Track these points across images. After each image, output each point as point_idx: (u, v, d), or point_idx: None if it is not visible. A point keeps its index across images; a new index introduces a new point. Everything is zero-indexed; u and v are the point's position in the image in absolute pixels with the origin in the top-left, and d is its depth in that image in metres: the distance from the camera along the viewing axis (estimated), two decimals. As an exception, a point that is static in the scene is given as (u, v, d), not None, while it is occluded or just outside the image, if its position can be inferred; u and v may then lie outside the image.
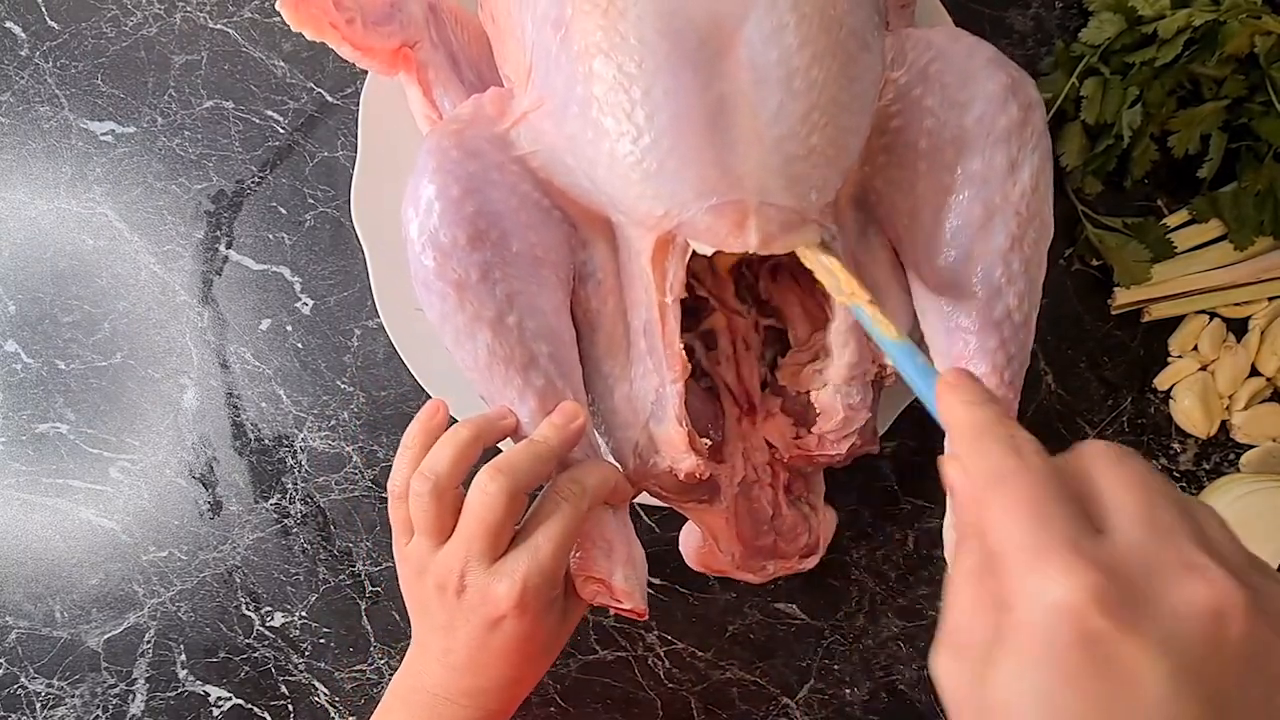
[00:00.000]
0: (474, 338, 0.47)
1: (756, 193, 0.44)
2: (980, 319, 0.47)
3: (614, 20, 0.43)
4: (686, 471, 0.49)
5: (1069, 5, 0.66)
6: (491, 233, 0.46)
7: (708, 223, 0.44)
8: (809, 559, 0.56)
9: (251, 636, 0.65)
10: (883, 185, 0.50)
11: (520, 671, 0.48)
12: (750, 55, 0.43)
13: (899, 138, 0.48)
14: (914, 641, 0.65)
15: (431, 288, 0.47)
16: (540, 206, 0.48)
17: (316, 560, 0.65)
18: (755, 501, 0.54)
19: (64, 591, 0.65)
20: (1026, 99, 0.47)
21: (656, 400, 0.50)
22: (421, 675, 0.48)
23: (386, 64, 0.53)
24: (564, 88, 0.46)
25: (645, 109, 0.43)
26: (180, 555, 0.65)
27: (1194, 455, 0.66)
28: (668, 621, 0.65)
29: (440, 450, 0.45)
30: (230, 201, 0.66)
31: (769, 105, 0.43)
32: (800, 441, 0.53)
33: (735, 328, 0.56)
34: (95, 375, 0.66)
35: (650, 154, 0.44)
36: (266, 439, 0.65)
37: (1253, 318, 0.65)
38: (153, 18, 0.66)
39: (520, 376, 0.47)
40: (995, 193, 0.46)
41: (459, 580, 0.44)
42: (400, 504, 0.47)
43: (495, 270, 0.46)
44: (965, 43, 0.48)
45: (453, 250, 0.46)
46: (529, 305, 0.47)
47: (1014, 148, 0.46)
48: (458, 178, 0.46)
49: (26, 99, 0.66)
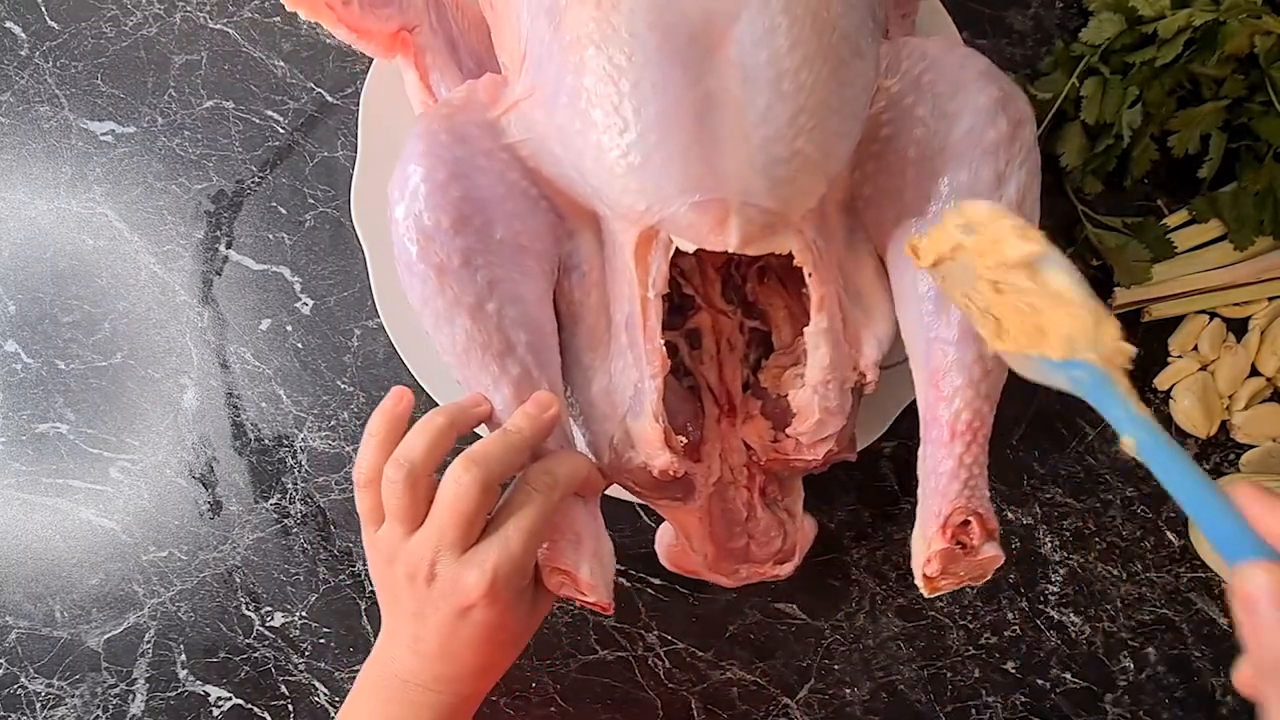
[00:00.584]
0: (452, 322, 0.47)
1: (739, 192, 0.44)
2: (960, 330, 0.47)
3: (607, 12, 0.43)
4: (660, 468, 0.49)
5: (1069, 5, 0.66)
6: (476, 218, 0.46)
7: (689, 219, 0.45)
8: (784, 565, 0.55)
9: (251, 636, 0.65)
10: (871, 192, 0.50)
11: (490, 659, 0.48)
12: (740, 54, 0.43)
13: (889, 145, 0.48)
14: (914, 641, 0.65)
15: (413, 270, 0.47)
16: (528, 195, 0.48)
17: (316, 560, 0.65)
18: (730, 503, 0.54)
19: (64, 591, 0.65)
20: (1017, 114, 0.46)
21: (635, 395, 0.50)
22: (391, 662, 0.48)
23: (384, 47, 0.53)
24: (555, 77, 0.46)
25: (633, 102, 0.43)
26: (180, 555, 0.65)
27: (1194, 455, 0.65)
28: (668, 621, 0.65)
29: (415, 437, 0.45)
30: (230, 201, 0.66)
31: (756, 105, 0.43)
32: (777, 445, 0.53)
33: (720, 328, 0.56)
34: (95, 375, 0.66)
35: (635, 147, 0.44)
36: (266, 439, 0.65)
37: (1253, 318, 0.65)
38: (153, 18, 0.66)
39: (496, 363, 0.47)
40: None
41: (429, 568, 0.45)
42: (367, 492, 0.47)
43: (477, 256, 0.46)
44: (959, 54, 0.48)
45: (436, 234, 0.46)
46: (510, 293, 0.47)
47: (1001, 161, 0.46)
48: (445, 162, 0.46)
49: (26, 99, 0.66)
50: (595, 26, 0.44)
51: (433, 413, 0.46)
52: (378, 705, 0.48)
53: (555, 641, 0.65)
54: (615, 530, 0.59)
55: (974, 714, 0.65)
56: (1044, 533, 0.65)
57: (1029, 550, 0.65)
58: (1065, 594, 0.65)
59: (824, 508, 0.65)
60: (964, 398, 0.47)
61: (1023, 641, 0.65)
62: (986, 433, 0.48)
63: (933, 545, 0.47)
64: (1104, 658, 0.65)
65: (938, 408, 0.48)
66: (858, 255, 0.52)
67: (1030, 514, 0.65)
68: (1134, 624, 0.65)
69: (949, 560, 0.47)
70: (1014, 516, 0.65)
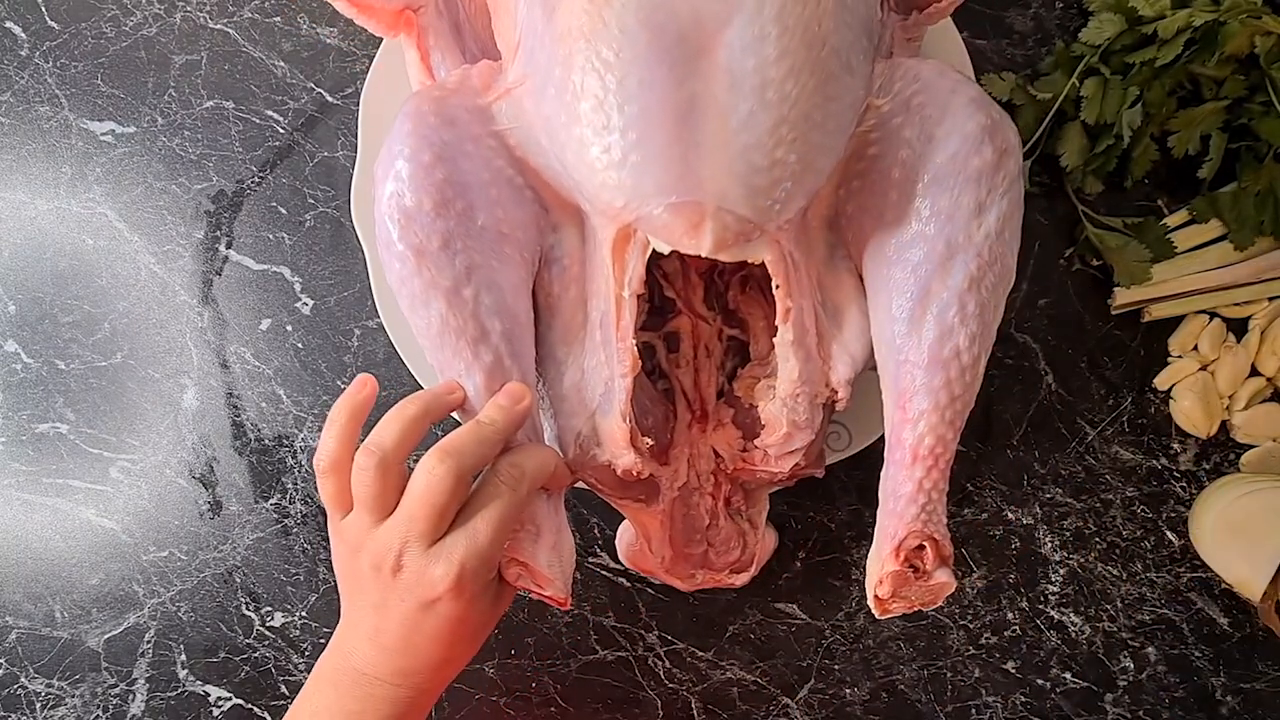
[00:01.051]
0: (428, 305, 0.47)
1: (716, 197, 0.44)
2: (929, 355, 0.47)
3: (599, 6, 0.43)
4: (624, 468, 0.50)
5: (1069, 5, 0.66)
6: (458, 202, 0.46)
7: (664, 220, 0.44)
8: (740, 575, 0.55)
9: (251, 636, 0.65)
10: (854, 210, 0.49)
11: (451, 653, 0.48)
12: (728, 59, 0.43)
13: (875, 164, 0.48)
14: (914, 641, 0.65)
15: (392, 250, 0.47)
16: (513, 184, 0.48)
17: (316, 560, 0.65)
18: (693, 509, 0.54)
19: (64, 591, 0.65)
20: (1004, 143, 0.46)
21: (605, 393, 0.50)
22: (350, 655, 0.47)
23: (387, 25, 0.53)
24: (545, 67, 0.46)
25: (617, 98, 0.43)
26: (180, 555, 0.65)
27: (1194, 455, 0.66)
28: (668, 621, 0.65)
29: (387, 425, 0.45)
30: (230, 201, 0.66)
31: (739, 112, 0.43)
32: (745, 455, 0.53)
33: (699, 333, 0.56)
34: (95, 375, 0.66)
35: (616, 144, 0.44)
36: (266, 439, 0.65)
37: (1253, 318, 0.65)
38: (153, 18, 0.66)
39: (470, 349, 0.47)
40: (959, 232, 0.46)
41: (396, 560, 0.44)
42: (330, 478, 0.46)
43: (457, 240, 0.46)
44: (950, 79, 0.47)
45: (417, 214, 0.46)
46: (488, 280, 0.47)
47: (983, 190, 0.46)
48: (431, 143, 0.46)
49: (26, 99, 0.66)
50: (587, 20, 0.44)
51: (406, 401, 0.46)
52: (334, 698, 0.48)
53: (555, 641, 0.65)
54: (612, 530, 0.59)
55: (974, 714, 0.65)
56: (1044, 533, 0.65)
57: (1029, 550, 0.65)
58: (1065, 594, 0.65)
59: (824, 508, 0.65)
60: (928, 422, 0.47)
61: (1023, 641, 0.65)
62: (949, 458, 0.47)
63: (885, 567, 0.47)
64: (1104, 658, 0.65)
65: (902, 430, 0.48)
66: (837, 272, 0.51)
67: (1030, 514, 0.65)
68: (1134, 624, 0.65)
69: (900, 582, 0.47)
70: (1014, 516, 0.65)
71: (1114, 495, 0.65)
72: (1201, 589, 0.65)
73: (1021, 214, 0.48)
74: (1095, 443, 0.65)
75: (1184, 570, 0.65)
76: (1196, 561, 0.65)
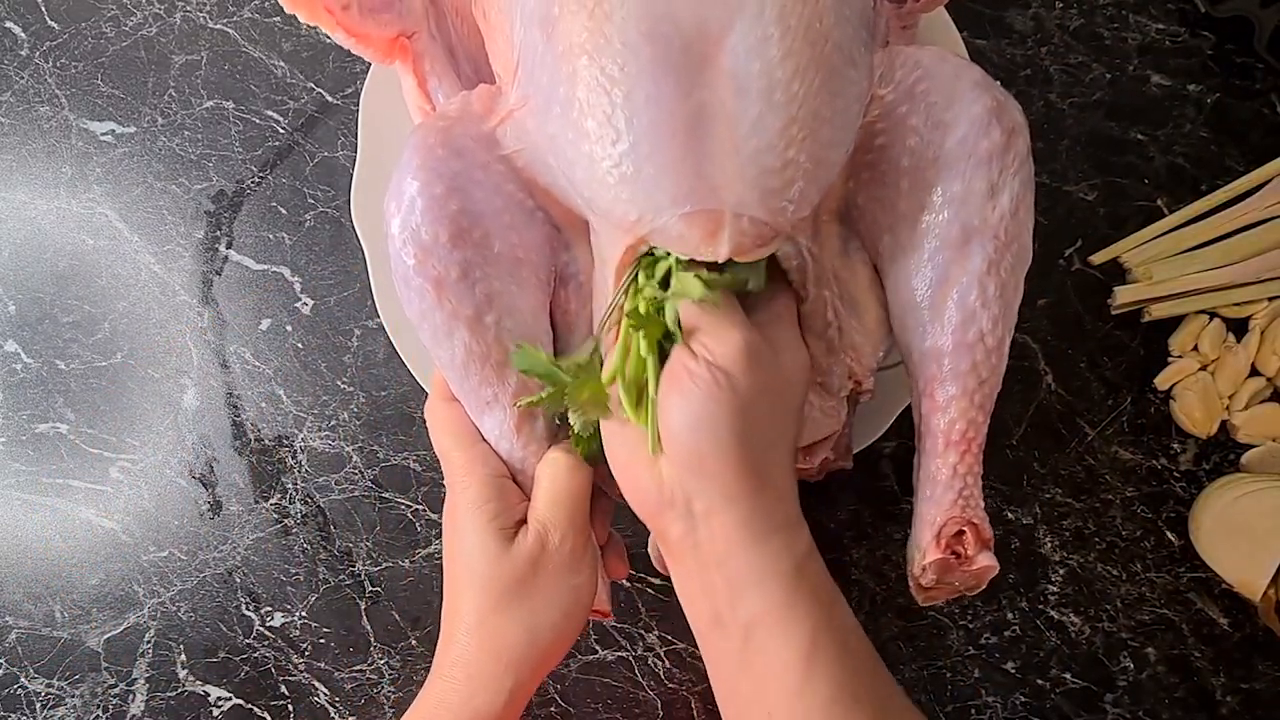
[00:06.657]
0: (451, 336, 0.47)
1: (731, 203, 0.44)
2: (954, 340, 0.47)
3: (600, 22, 0.43)
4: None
5: (1069, 5, 0.66)
6: (474, 231, 0.46)
7: (680, 230, 0.44)
8: None
9: (251, 636, 0.65)
10: (865, 201, 0.49)
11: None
12: (733, 65, 0.43)
13: (883, 155, 0.48)
14: (914, 641, 0.65)
15: (411, 284, 0.47)
16: (524, 207, 0.48)
17: (316, 560, 0.65)
18: None
19: (64, 591, 0.65)
20: (1010, 123, 0.46)
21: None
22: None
23: (382, 52, 0.53)
24: (548, 87, 0.45)
25: (625, 112, 0.43)
26: (180, 555, 0.65)
27: (1194, 455, 0.66)
28: (668, 621, 0.65)
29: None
30: (230, 201, 0.66)
31: (748, 116, 0.43)
32: None
33: None
34: (95, 375, 0.66)
35: (628, 158, 0.44)
36: (266, 439, 0.65)
37: (1253, 318, 0.65)
38: (153, 18, 0.66)
39: (496, 375, 0.47)
40: (974, 215, 0.46)
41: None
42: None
43: (475, 269, 0.46)
44: (953, 64, 0.47)
45: (434, 247, 0.46)
46: (508, 306, 0.47)
47: (995, 171, 0.46)
48: (441, 175, 0.46)
49: (26, 99, 0.66)
50: (588, 36, 0.43)
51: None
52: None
53: (555, 641, 0.65)
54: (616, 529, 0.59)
55: (974, 714, 0.65)
56: (1044, 533, 0.65)
57: (1029, 550, 0.65)
58: (1065, 594, 0.65)
59: (824, 508, 0.65)
60: (959, 407, 0.47)
61: (1023, 641, 0.65)
62: (981, 442, 0.48)
63: (927, 555, 0.47)
64: (1104, 658, 0.65)
65: (933, 417, 0.48)
66: (852, 264, 0.51)
67: (1030, 514, 0.65)
68: (1134, 624, 0.65)
69: (944, 570, 0.47)
70: (1014, 516, 0.65)
71: (1114, 495, 0.65)
72: (1201, 589, 0.65)
73: (1033, 192, 0.48)
74: (1095, 443, 0.65)
75: (1184, 570, 0.65)
76: (1196, 561, 0.65)
